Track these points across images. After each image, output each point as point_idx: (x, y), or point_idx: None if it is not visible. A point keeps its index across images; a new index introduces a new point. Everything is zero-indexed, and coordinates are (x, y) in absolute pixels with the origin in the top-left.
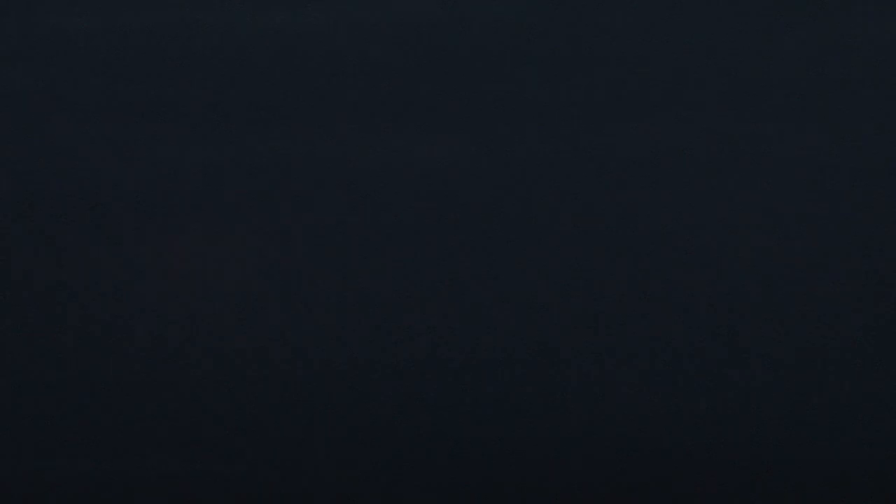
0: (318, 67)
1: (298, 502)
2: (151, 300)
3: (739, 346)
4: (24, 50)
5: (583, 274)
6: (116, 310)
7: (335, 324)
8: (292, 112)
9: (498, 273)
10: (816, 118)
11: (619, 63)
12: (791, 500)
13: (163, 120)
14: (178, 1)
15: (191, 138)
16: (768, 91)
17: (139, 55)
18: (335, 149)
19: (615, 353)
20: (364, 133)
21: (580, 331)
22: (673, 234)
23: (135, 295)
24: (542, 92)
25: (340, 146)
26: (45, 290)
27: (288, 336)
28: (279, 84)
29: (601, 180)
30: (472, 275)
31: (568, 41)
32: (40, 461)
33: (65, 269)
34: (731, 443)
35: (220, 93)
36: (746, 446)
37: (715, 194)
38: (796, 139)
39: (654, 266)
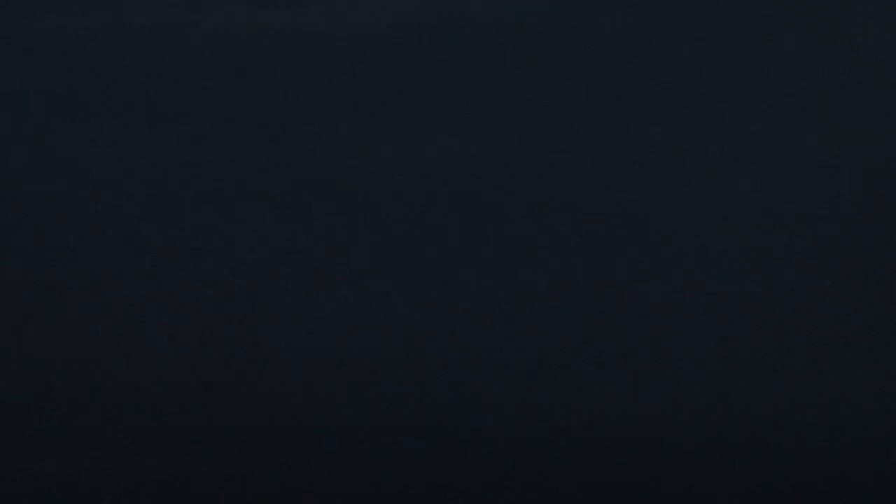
0: (317, 67)
1: (296, 501)
2: (151, 300)
3: (740, 346)
4: (24, 50)
5: (583, 273)
6: (117, 309)
7: (336, 323)
8: (292, 112)
9: (498, 272)
10: (816, 118)
11: (619, 63)
12: (791, 501)
13: (162, 120)
14: (178, 1)
15: (190, 138)
16: (768, 91)
17: (139, 55)
18: (335, 149)
19: (615, 352)
20: (364, 133)
21: (580, 329)
22: (673, 234)
23: (135, 294)
24: (542, 92)
25: (340, 146)
26: (44, 290)
27: (288, 335)
28: (279, 84)
29: (601, 180)
30: (472, 274)
31: (568, 41)
32: (40, 461)
33: (64, 269)
34: (730, 443)
35: (219, 93)
36: (746, 446)
37: (715, 194)
38: (796, 139)
39: (654, 265)
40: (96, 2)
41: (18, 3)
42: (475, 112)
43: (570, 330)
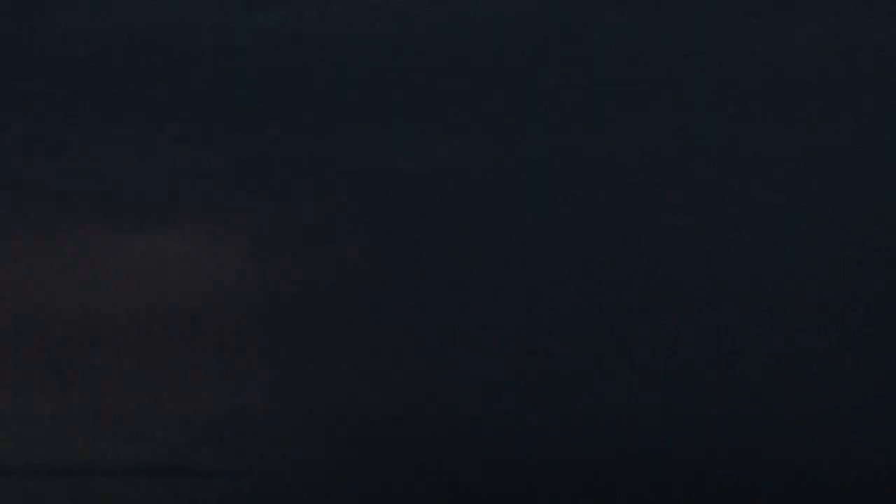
0: (315, 68)
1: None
2: (150, 300)
3: (742, 346)
4: (24, 50)
5: (583, 273)
6: (117, 310)
7: (333, 324)
8: (290, 113)
9: (497, 271)
10: (817, 118)
11: (619, 63)
12: (788, 501)
13: (160, 120)
14: (176, 1)
15: (189, 139)
16: (768, 91)
17: (137, 55)
18: (333, 150)
19: (614, 352)
20: (362, 134)
21: (580, 330)
22: (675, 235)
23: (134, 295)
24: (543, 92)
25: (338, 147)
26: (46, 289)
27: (286, 338)
28: (277, 85)
29: (601, 180)
30: (471, 273)
31: (568, 41)
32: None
33: (65, 270)
34: (728, 443)
35: (217, 93)
36: (744, 446)
37: (716, 194)
38: (797, 139)
39: (656, 266)
40: (95, 2)
41: (19, 4)
42: (475, 113)
43: (570, 329)
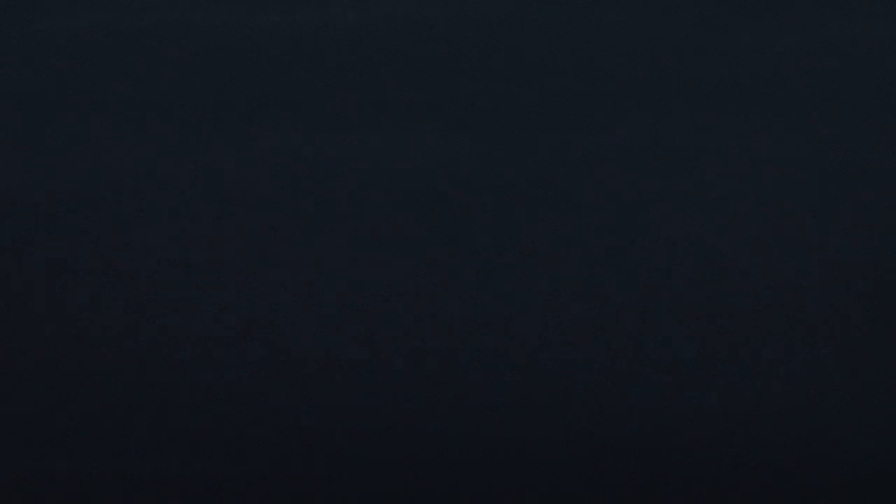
0: (312, 68)
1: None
2: (151, 300)
3: (740, 346)
4: (23, 50)
5: (579, 273)
6: (116, 310)
7: (332, 323)
8: (287, 113)
9: (494, 272)
10: (814, 118)
11: (615, 63)
12: (790, 502)
13: (158, 121)
14: (175, 1)
15: (186, 139)
16: (764, 90)
17: (135, 55)
18: (330, 149)
19: (614, 352)
20: (358, 133)
21: (578, 331)
22: (671, 235)
23: (134, 295)
24: (537, 92)
25: (336, 146)
26: (45, 290)
27: (284, 336)
28: (274, 85)
29: (596, 180)
30: (469, 274)
31: (564, 41)
32: (40, 461)
33: (64, 269)
34: (728, 443)
35: (215, 93)
36: (744, 447)
37: (715, 195)
38: (794, 139)
39: (651, 266)
40: (93, 2)
41: (17, 4)
42: (469, 113)
43: (567, 329)
